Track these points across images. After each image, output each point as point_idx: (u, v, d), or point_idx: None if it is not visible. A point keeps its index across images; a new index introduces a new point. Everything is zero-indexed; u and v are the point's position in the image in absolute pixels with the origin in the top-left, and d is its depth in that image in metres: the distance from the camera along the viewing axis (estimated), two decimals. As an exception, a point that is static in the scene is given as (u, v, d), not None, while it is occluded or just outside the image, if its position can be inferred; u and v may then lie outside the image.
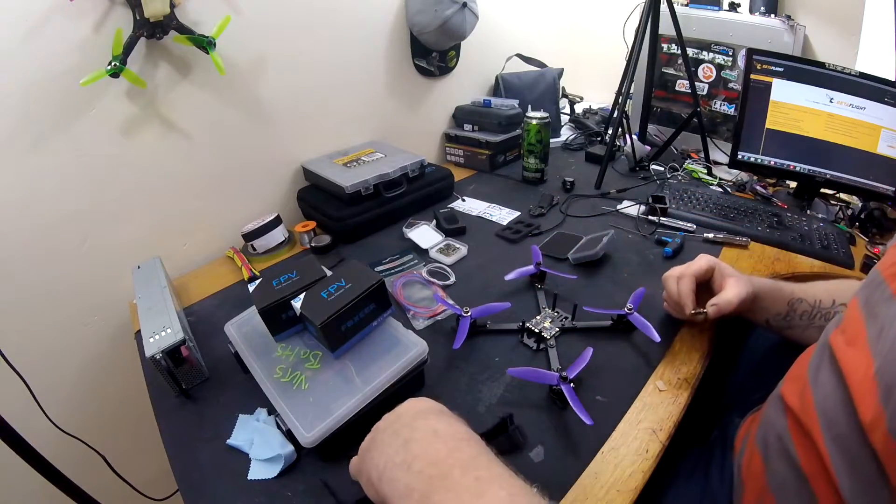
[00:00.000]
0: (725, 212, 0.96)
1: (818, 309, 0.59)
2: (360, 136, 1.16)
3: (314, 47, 0.99)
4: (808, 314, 0.60)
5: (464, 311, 0.66)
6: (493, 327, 0.69)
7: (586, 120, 1.54)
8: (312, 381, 0.54)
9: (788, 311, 0.61)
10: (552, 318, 0.69)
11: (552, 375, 0.54)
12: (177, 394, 0.61)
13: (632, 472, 0.48)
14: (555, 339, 0.65)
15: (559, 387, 0.53)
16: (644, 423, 0.53)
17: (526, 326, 0.67)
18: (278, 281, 0.59)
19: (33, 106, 0.69)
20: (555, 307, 0.70)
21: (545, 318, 0.69)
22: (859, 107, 0.93)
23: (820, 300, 0.60)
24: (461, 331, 0.64)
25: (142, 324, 0.62)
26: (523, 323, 0.67)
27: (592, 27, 1.68)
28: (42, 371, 0.75)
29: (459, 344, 0.63)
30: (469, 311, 0.66)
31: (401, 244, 0.93)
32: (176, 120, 0.84)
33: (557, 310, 0.70)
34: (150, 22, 0.72)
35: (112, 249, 0.83)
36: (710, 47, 1.24)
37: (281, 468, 0.50)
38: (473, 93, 1.40)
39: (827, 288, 0.61)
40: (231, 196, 0.96)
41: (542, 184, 1.17)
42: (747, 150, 1.05)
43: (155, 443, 0.56)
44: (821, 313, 0.59)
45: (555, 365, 0.61)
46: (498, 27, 1.41)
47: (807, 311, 0.60)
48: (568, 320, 0.68)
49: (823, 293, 0.60)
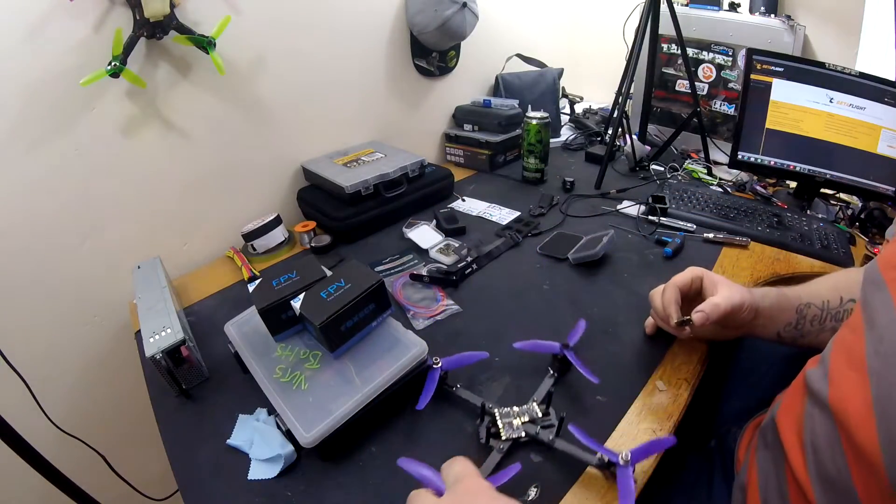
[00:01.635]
0: (725, 212, 0.96)
1: (827, 311, 0.56)
2: (360, 136, 1.16)
3: (314, 47, 0.99)
4: (818, 318, 0.56)
5: (434, 362, 0.56)
6: (461, 393, 0.56)
7: (586, 120, 1.54)
8: (312, 381, 0.54)
9: (798, 318, 0.57)
10: (532, 416, 0.52)
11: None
12: (177, 394, 0.61)
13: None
14: (509, 445, 0.50)
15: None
16: (644, 423, 0.53)
17: (488, 409, 0.52)
18: (278, 281, 0.59)
19: (33, 106, 0.69)
20: (549, 406, 0.53)
21: (524, 412, 0.52)
22: (859, 107, 0.93)
23: (828, 300, 0.56)
24: (428, 387, 0.54)
25: (142, 324, 0.62)
26: (483, 406, 0.53)
27: (592, 27, 1.68)
28: (42, 371, 0.75)
29: (424, 404, 0.53)
30: (440, 363, 0.56)
31: (401, 244, 0.93)
32: (176, 120, 0.84)
33: (551, 408, 0.53)
34: (150, 22, 0.72)
35: (112, 249, 0.83)
36: (710, 47, 1.24)
37: (281, 468, 0.50)
38: (473, 93, 1.40)
39: (832, 285, 0.58)
40: (231, 196, 0.96)
41: (542, 184, 1.17)
42: (747, 150, 1.05)
43: (155, 443, 0.56)
44: (830, 315, 0.56)
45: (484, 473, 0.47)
46: (498, 27, 1.41)
47: (817, 315, 0.56)
48: (549, 432, 0.50)
49: (830, 292, 0.57)
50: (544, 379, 0.57)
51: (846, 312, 0.55)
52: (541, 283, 0.79)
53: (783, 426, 0.45)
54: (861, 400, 0.34)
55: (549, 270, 0.82)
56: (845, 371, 0.38)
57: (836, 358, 0.40)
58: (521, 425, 0.51)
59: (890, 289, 0.36)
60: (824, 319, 0.56)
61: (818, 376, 0.41)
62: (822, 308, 0.56)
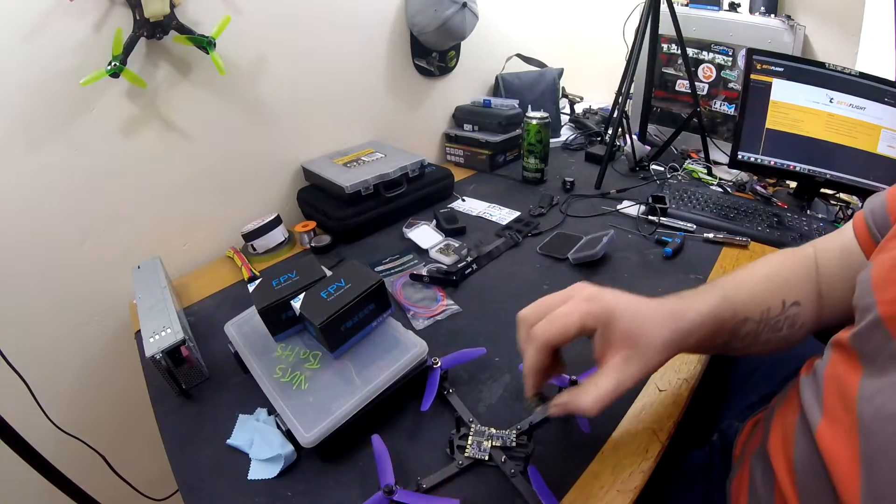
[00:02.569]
0: (725, 212, 0.96)
1: (765, 322, 0.46)
2: (360, 136, 1.16)
3: (314, 47, 0.99)
4: (752, 333, 0.46)
5: (433, 362, 0.56)
6: (451, 399, 0.56)
7: (586, 120, 1.54)
8: (312, 381, 0.54)
9: (729, 339, 0.46)
10: (505, 443, 0.50)
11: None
12: (177, 394, 0.61)
13: (632, 472, 0.48)
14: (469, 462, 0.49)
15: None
16: (644, 423, 0.53)
17: (466, 422, 0.52)
18: (278, 281, 0.59)
19: (33, 106, 0.69)
20: (530, 438, 0.51)
21: (498, 437, 0.50)
22: (859, 107, 0.93)
23: (768, 309, 0.46)
24: (430, 388, 0.54)
25: (142, 324, 0.62)
26: (459, 419, 0.52)
27: (592, 27, 1.68)
28: (42, 371, 0.75)
29: (428, 405, 0.53)
30: (439, 363, 0.56)
31: (401, 244, 0.93)
32: (176, 120, 0.84)
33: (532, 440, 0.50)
34: (150, 22, 0.72)
35: (112, 249, 0.83)
36: (710, 47, 1.24)
37: (281, 468, 0.50)
38: (473, 93, 1.40)
39: (776, 284, 0.48)
40: (231, 196, 0.96)
41: (542, 184, 1.17)
42: (747, 150, 1.05)
43: (155, 443, 0.56)
44: (768, 326, 0.46)
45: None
46: (498, 27, 1.41)
47: (751, 330, 0.46)
48: (516, 464, 0.48)
49: (772, 295, 0.47)
50: (539, 408, 0.49)
51: (787, 320, 0.46)
52: (541, 283, 0.79)
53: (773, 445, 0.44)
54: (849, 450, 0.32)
55: (549, 270, 0.82)
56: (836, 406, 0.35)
57: (829, 385, 0.38)
58: (488, 448, 0.49)
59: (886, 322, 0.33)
60: (760, 332, 0.46)
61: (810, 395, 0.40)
62: (760, 321, 0.46)
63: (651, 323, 0.40)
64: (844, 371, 0.36)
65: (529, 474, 0.46)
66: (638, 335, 0.40)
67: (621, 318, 0.40)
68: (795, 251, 0.52)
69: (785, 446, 0.41)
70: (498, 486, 0.48)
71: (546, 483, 0.45)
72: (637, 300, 0.42)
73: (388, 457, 0.48)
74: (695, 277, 0.78)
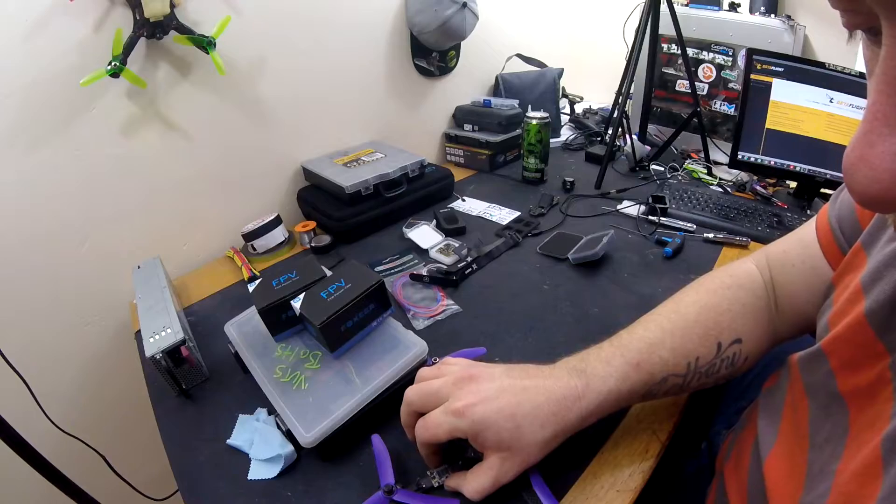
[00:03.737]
0: (725, 212, 0.96)
1: (694, 372, 0.43)
2: (360, 136, 1.16)
3: (314, 47, 0.99)
4: (677, 386, 0.44)
5: (434, 362, 0.56)
6: None
7: (586, 120, 1.54)
8: (312, 381, 0.54)
9: (645, 396, 0.44)
10: None
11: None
12: (177, 394, 0.61)
13: (631, 473, 0.48)
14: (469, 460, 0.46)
15: None
16: (644, 422, 0.53)
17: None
18: (278, 281, 0.59)
19: (33, 106, 0.69)
20: None
21: None
22: (859, 107, 0.93)
23: (697, 358, 0.43)
24: None
25: (142, 324, 0.62)
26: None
27: (592, 27, 1.68)
28: (42, 371, 0.75)
29: None
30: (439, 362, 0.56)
31: (401, 244, 0.93)
32: (176, 120, 0.84)
33: None
34: (150, 22, 0.72)
35: (112, 249, 0.83)
36: (710, 47, 1.24)
37: (281, 468, 0.50)
38: (473, 93, 1.40)
39: (704, 325, 0.44)
40: (231, 196, 0.96)
41: (542, 184, 1.17)
42: (747, 150, 1.05)
43: (155, 443, 0.56)
44: (699, 374, 0.43)
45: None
46: (498, 27, 1.41)
47: (676, 384, 0.44)
48: None
49: (699, 341, 0.43)
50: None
51: (725, 361, 0.43)
52: (541, 283, 0.79)
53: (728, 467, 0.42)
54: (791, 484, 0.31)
55: (549, 270, 0.82)
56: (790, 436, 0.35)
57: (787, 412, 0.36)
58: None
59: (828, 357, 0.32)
60: (688, 383, 0.44)
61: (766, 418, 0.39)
62: (687, 373, 0.43)
63: (528, 428, 0.40)
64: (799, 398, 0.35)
65: (528, 474, 0.46)
66: (511, 442, 0.40)
67: (490, 430, 0.39)
68: (738, 272, 0.48)
69: (738, 469, 0.40)
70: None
71: (546, 483, 0.45)
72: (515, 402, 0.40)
73: (388, 456, 0.48)
74: (695, 277, 0.77)
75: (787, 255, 0.46)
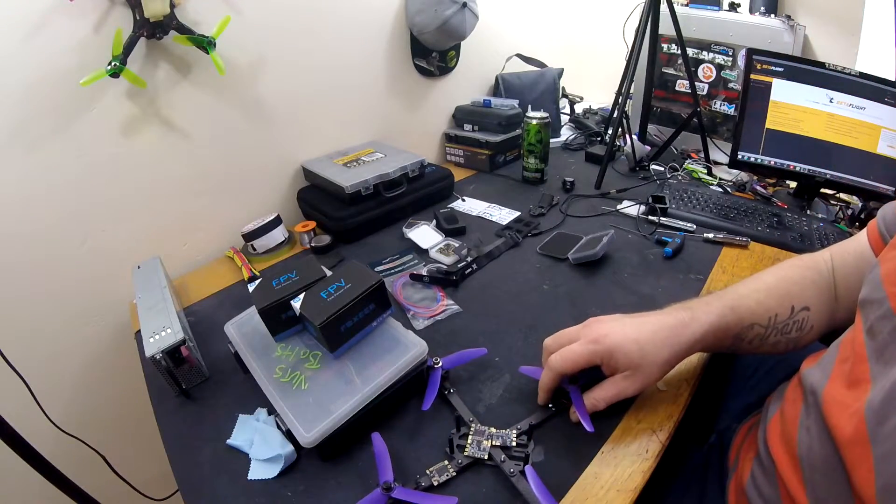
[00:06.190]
0: (725, 212, 0.96)
1: (773, 326, 0.50)
2: (360, 136, 1.16)
3: (314, 47, 0.99)
4: (760, 336, 0.50)
5: (434, 362, 0.57)
6: (451, 399, 0.56)
7: (586, 120, 1.54)
8: (312, 381, 0.54)
9: (734, 342, 0.51)
10: (505, 443, 0.50)
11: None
12: (177, 394, 0.61)
13: (631, 473, 0.48)
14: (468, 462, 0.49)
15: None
16: (644, 422, 0.53)
17: (466, 422, 0.53)
18: (278, 281, 0.59)
19: (33, 106, 0.69)
20: (530, 438, 0.51)
21: (498, 436, 0.51)
22: (859, 107, 0.93)
23: (776, 315, 0.50)
24: (431, 387, 0.55)
25: (142, 324, 0.62)
26: (459, 418, 0.53)
27: (592, 27, 1.68)
28: (42, 371, 0.75)
29: (429, 405, 0.53)
30: (440, 363, 0.57)
31: (401, 244, 0.93)
32: (176, 120, 0.84)
33: (532, 441, 0.51)
34: (150, 22, 0.72)
35: (112, 249, 0.83)
36: (710, 47, 1.24)
37: (281, 468, 0.50)
38: (473, 93, 1.40)
39: (784, 291, 0.51)
40: (231, 196, 0.96)
41: (542, 184, 1.17)
42: (747, 150, 1.05)
43: (155, 443, 0.56)
44: (776, 330, 0.50)
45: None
46: (498, 27, 1.41)
47: (759, 334, 0.50)
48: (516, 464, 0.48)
49: (780, 302, 0.51)
50: (541, 409, 0.54)
51: (796, 324, 0.50)
52: (541, 283, 0.79)
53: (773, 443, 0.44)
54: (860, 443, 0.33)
55: (549, 270, 0.82)
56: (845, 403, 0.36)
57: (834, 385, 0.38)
58: (488, 447, 0.50)
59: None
60: (767, 336, 0.50)
61: (817, 377, 0.40)
62: (768, 325, 0.50)
63: (650, 349, 0.49)
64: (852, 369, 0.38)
65: (528, 474, 0.46)
66: (638, 362, 0.49)
67: (620, 352, 0.49)
68: (807, 258, 0.55)
69: (786, 442, 0.42)
70: (497, 485, 0.48)
71: (546, 483, 0.45)
72: (637, 329, 0.49)
73: (388, 455, 0.48)
74: (695, 277, 0.78)
75: (845, 247, 0.53)
